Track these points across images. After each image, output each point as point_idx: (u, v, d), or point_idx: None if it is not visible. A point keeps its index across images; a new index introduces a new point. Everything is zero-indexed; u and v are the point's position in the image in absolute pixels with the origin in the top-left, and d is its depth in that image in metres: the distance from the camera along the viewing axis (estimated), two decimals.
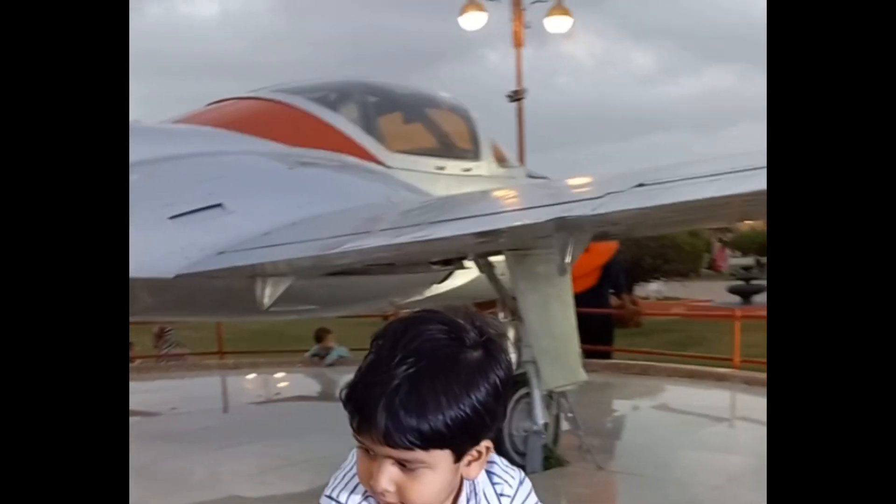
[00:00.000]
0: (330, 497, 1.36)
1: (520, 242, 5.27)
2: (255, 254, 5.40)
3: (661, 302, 18.92)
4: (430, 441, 1.21)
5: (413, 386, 1.19)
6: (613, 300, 11.04)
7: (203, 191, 5.86)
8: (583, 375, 5.47)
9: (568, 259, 4.72)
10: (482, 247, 5.38)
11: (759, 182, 4.04)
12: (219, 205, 5.84)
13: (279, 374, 10.02)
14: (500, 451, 4.69)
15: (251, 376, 9.94)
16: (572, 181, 5.55)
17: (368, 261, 5.67)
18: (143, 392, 8.71)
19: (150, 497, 5.05)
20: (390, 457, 1.22)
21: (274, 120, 7.12)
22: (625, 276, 11.87)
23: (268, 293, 5.57)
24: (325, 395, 9.41)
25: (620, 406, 8.33)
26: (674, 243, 18.34)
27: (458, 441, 1.24)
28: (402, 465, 1.23)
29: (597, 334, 10.53)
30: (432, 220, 5.06)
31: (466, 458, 1.28)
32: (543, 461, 5.27)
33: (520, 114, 14.48)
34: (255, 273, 5.55)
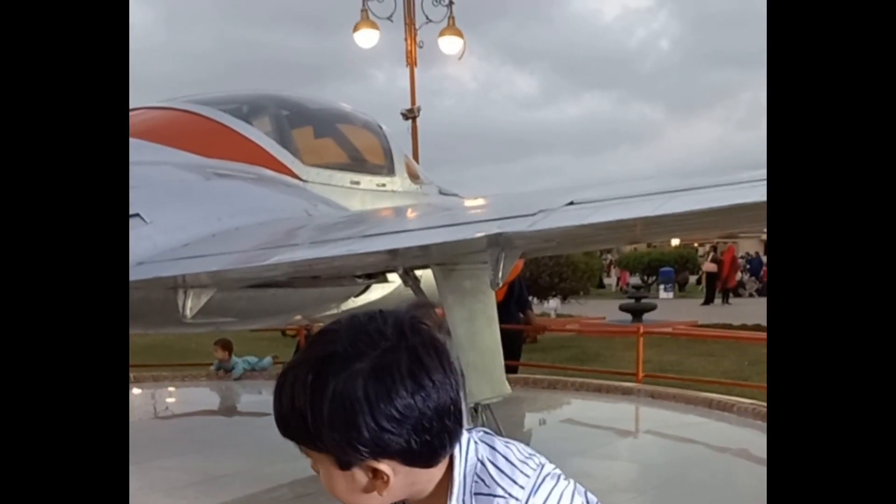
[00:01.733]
0: None
1: (448, 257, 5.33)
2: (177, 265, 5.29)
3: (558, 319, 19.25)
4: (294, 435, 1.23)
5: (308, 380, 1.21)
6: (521, 316, 11.21)
7: None
8: (507, 388, 5.56)
9: (500, 275, 4.80)
10: (413, 261, 5.42)
11: (690, 202, 4.22)
12: (136, 215, 5.70)
13: (185, 388, 9.80)
14: None
15: (156, 390, 9.68)
16: (497, 198, 5.66)
17: (294, 273, 5.62)
18: None
19: None
20: None
21: (188, 130, 7.00)
22: (528, 291, 12.06)
23: (189, 305, 5.46)
24: (232, 410, 9.27)
25: (533, 419, 8.46)
26: (570, 262, 18.73)
27: (329, 445, 1.22)
28: None
29: (505, 349, 10.67)
30: (364, 233, 5.07)
31: (361, 473, 1.25)
32: None
33: (414, 132, 14.57)
34: (177, 285, 5.44)
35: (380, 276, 6.37)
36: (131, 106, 7.59)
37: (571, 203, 4.60)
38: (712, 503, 5.29)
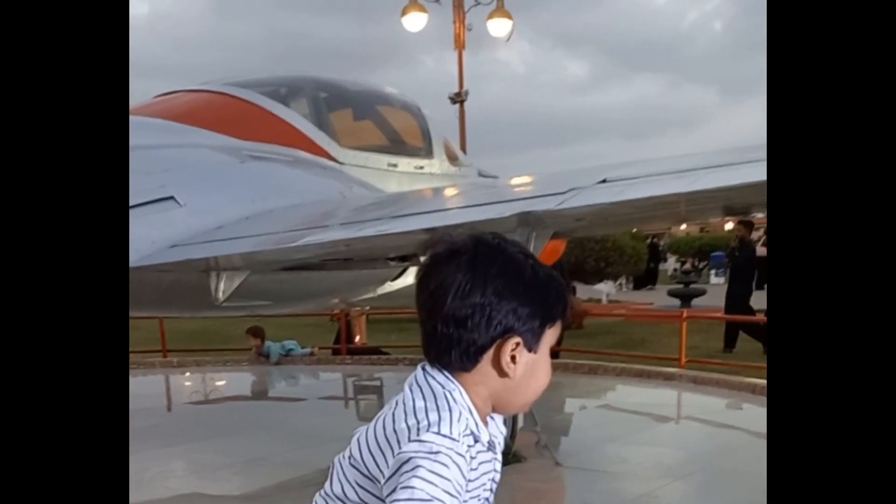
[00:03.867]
0: (451, 437, 1.31)
1: None
2: (208, 247, 5.28)
3: (603, 304, 19.03)
4: None
5: None
6: None
7: (153, 183, 5.71)
8: None
9: None
10: None
11: (723, 178, 4.09)
12: (170, 197, 5.70)
13: (225, 373, 9.86)
14: None
15: (197, 375, 9.76)
16: (534, 177, 5.55)
17: (325, 256, 5.58)
18: None
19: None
20: None
21: (224, 113, 6.99)
22: (570, 276, 11.90)
23: (222, 287, 5.46)
24: (268, 395, 9.31)
25: (571, 404, 8.35)
26: (616, 246, 18.47)
27: None
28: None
29: None
30: (395, 213, 5.01)
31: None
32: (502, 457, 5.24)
33: (461, 116, 14.47)
34: (209, 267, 5.44)
35: (414, 259, 6.30)
36: (170, 90, 7.62)
37: (604, 181, 4.50)
38: (752, 490, 5.14)
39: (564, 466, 5.45)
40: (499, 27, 14.23)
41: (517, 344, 1.38)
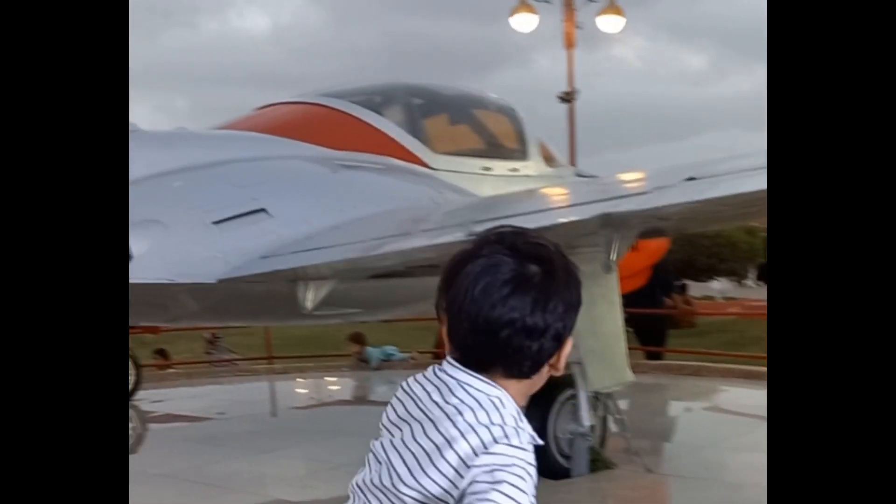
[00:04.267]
0: (522, 448, 1.30)
1: (564, 240, 5.16)
2: (296, 258, 5.38)
3: (716, 302, 18.55)
4: None
5: None
6: (667, 300, 10.84)
7: (246, 196, 5.85)
8: (630, 376, 5.34)
9: (613, 256, 4.61)
10: None
11: None
12: (261, 210, 5.83)
13: (326, 379, 10.02)
14: (545, 453, 4.60)
15: (299, 380, 9.95)
16: (622, 176, 5.44)
17: (411, 262, 5.60)
18: (190, 398, 8.78)
19: (195, 500, 5.05)
20: None
21: (318, 124, 7.10)
22: (675, 275, 11.63)
23: (310, 297, 5.54)
24: (364, 400, 9.40)
25: (671, 407, 8.16)
26: (729, 242, 17.97)
27: None
28: None
29: (648, 335, 10.36)
30: (475, 219, 4.99)
31: None
32: (590, 464, 5.16)
33: (571, 115, 14.33)
34: (297, 277, 5.53)
35: None
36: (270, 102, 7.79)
37: (692, 178, 4.36)
38: None
39: (656, 473, 5.31)
40: (610, 24, 14.10)
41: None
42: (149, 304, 5.84)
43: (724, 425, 7.09)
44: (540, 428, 5.17)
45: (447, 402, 1.36)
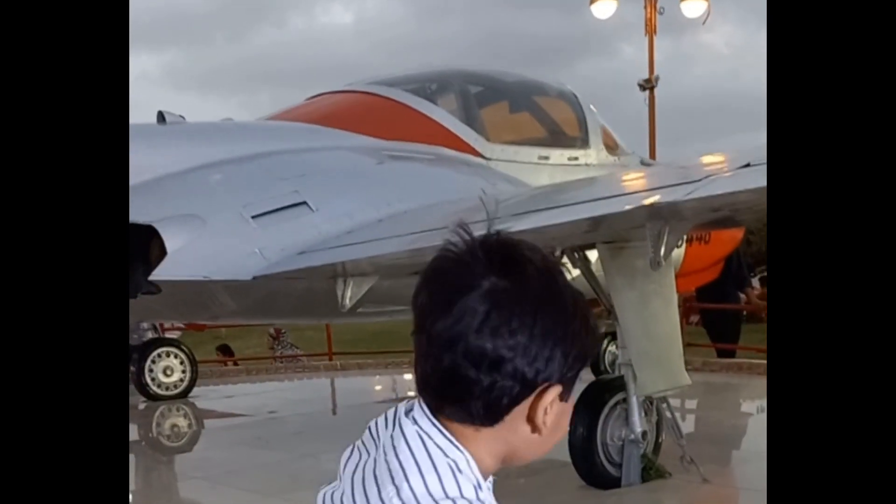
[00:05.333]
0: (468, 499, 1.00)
1: (614, 234, 4.83)
2: (332, 253, 5.16)
3: None
4: None
5: None
6: (740, 295, 10.35)
7: (287, 189, 5.66)
8: (686, 379, 4.96)
9: (662, 251, 4.26)
10: (570, 240, 4.95)
11: None
12: (303, 203, 5.63)
13: (383, 376, 9.84)
14: (592, 461, 4.19)
15: (359, 378, 9.79)
16: (682, 164, 5.09)
17: None
18: (245, 395, 8.69)
19: (243, 496, 4.96)
20: None
21: (366, 113, 6.90)
22: (750, 267, 11.12)
23: (349, 294, 5.30)
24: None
25: (741, 410, 7.71)
26: None
27: None
28: None
29: (721, 332, 9.90)
30: (517, 212, 4.70)
31: None
32: (642, 473, 4.81)
33: (651, 103, 13.90)
34: (336, 273, 5.30)
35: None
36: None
37: (747, 165, 3.99)
38: None
39: (713, 484, 4.92)
40: (694, 9, 13.67)
41: (559, 395, 1.05)
42: (185, 301, 5.69)
43: None
44: (588, 434, 4.86)
45: (396, 457, 1.05)
